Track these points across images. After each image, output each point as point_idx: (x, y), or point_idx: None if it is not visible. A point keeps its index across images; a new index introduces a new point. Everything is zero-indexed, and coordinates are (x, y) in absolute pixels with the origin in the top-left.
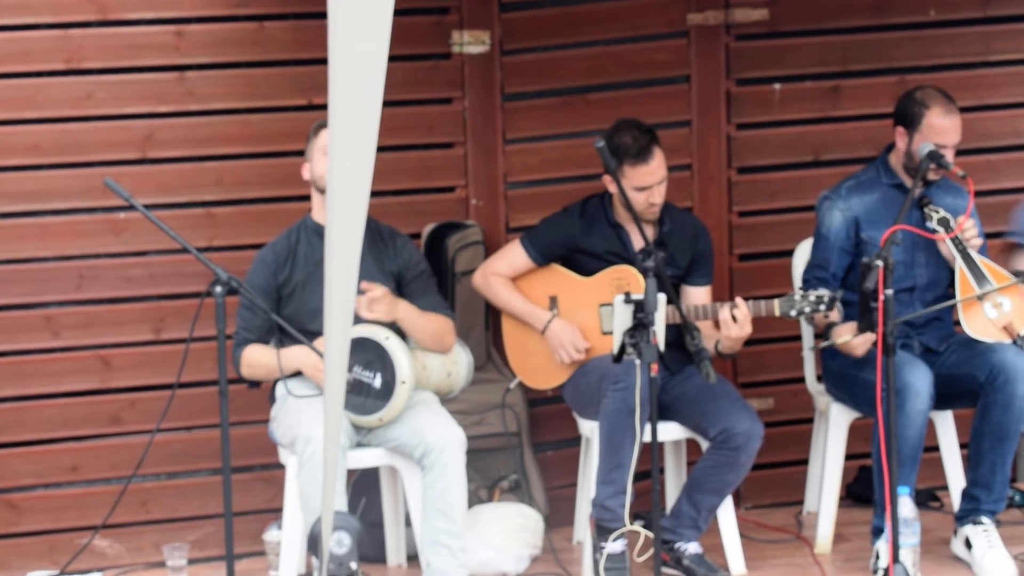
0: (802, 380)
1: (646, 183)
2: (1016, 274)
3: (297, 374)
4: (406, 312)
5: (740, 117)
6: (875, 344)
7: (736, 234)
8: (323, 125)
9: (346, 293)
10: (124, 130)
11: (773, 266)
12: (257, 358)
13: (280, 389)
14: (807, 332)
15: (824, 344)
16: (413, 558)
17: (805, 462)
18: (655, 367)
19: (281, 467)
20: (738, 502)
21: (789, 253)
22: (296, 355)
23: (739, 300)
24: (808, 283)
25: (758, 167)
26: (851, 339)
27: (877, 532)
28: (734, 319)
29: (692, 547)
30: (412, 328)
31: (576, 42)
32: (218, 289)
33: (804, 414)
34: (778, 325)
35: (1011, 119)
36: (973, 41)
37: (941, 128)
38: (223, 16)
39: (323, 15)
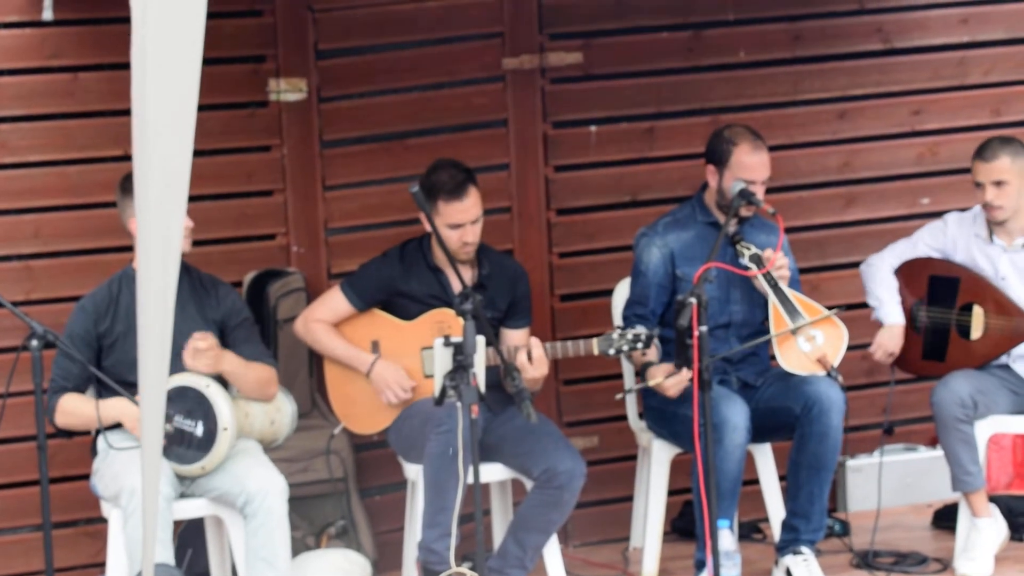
0: (626, 418)
1: (459, 220)
2: (828, 308)
3: (117, 426)
4: (231, 364)
5: (557, 159)
6: (692, 380)
7: (556, 275)
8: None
9: (161, 341)
10: None
11: (594, 306)
12: (73, 407)
13: (101, 443)
14: (628, 371)
15: (635, 388)
16: None
17: (631, 499)
18: (475, 409)
19: (104, 521)
20: (565, 540)
21: (609, 292)
22: (116, 407)
23: (535, 340)
24: (628, 320)
25: (577, 208)
26: (663, 381)
27: (699, 565)
28: (529, 359)
29: None
30: (236, 379)
31: (393, 88)
32: (34, 343)
33: (629, 451)
34: (602, 364)
35: (820, 156)
36: (782, 81)
37: (749, 164)
38: (36, 68)
39: None
